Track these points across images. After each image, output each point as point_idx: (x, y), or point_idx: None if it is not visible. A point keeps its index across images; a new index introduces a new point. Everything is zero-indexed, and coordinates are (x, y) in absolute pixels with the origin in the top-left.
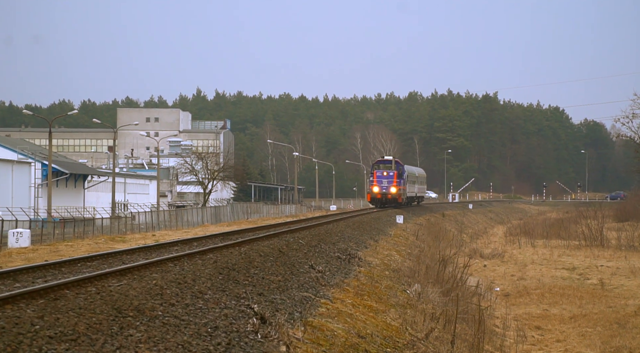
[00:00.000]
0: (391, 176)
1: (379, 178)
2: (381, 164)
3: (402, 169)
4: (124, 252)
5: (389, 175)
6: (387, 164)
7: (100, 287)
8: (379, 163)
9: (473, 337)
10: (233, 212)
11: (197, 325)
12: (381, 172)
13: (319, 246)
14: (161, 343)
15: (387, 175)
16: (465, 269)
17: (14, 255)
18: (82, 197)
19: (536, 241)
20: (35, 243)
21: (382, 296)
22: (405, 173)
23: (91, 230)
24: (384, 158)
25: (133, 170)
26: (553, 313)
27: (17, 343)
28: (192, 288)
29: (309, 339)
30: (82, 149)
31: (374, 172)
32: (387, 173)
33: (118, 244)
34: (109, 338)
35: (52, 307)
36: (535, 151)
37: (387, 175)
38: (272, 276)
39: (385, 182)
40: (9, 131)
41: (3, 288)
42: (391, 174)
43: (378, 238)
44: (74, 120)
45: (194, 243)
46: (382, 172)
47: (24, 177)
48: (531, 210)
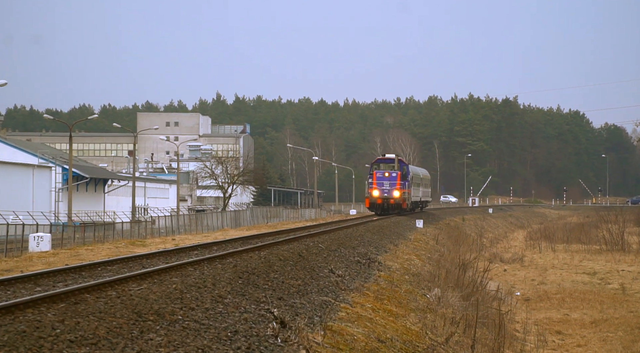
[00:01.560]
0: (394, 177)
1: (380, 180)
2: (382, 162)
3: (406, 169)
4: (144, 256)
5: (392, 177)
6: (389, 162)
7: (120, 291)
8: (379, 162)
9: (493, 341)
10: (253, 216)
11: (217, 329)
12: (382, 172)
13: (338, 250)
14: (181, 348)
15: (389, 176)
16: (485, 273)
17: (35, 259)
18: (103, 201)
19: (557, 245)
20: (55, 247)
21: (402, 300)
22: (410, 174)
23: (111, 234)
24: (385, 156)
25: (153, 174)
26: (574, 318)
27: (38, 347)
28: (212, 292)
29: (328, 343)
30: (102, 153)
31: (374, 173)
32: (389, 174)
33: (138, 248)
34: (130, 342)
35: (73, 310)
36: (556, 155)
37: (390, 176)
38: (292, 280)
39: (387, 184)
40: (30, 135)
41: (24, 292)
42: (394, 174)
43: (398, 242)
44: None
45: (213, 248)
46: (383, 173)
47: (44, 182)
48: (551, 215)
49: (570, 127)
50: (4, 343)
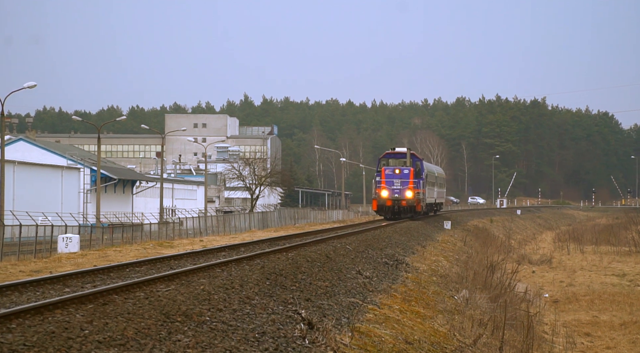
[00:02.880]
0: (406, 175)
1: (389, 178)
2: (391, 157)
3: (420, 166)
4: (172, 257)
5: (403, 174)
6: (400, 157)
7: (148, 292)
8: (388, 157)
9: (522, 343)
10: (280, 217)
11: (245, 330)
12: (392, 169)
13: (366, 252)
14: (209, 349)
15: (400, 173)
16: (513, 275)
17: (64, 260)
18: (131, 203)
19: (585, 247)
20: (84, 248)
21: (430, 302)
22: (424, 171)
23: (139, 236)
24: (394, 150)
25: (181, 175)
26: (603, 319)
27: (67, 348)
28: (239, 293)
29: (356, 345)
30: (130, 155)
31: (382, 170)
32: (401, 170)
33: (166, 249)
34: (157, 343)
35: (101, 311)
36: (584, 157)
37: (401, 173)
38: (320, 281)
39: (397, 183)
40: (59, 137)
41: (53, 293)
42: (406, 171)
43: (425, 244)
44: (122, 126)
45: (241, 249)
46: (393, 170)
47: (73, 183)
48: (580, 216)
49: (599, 129)
50: (33, 343)
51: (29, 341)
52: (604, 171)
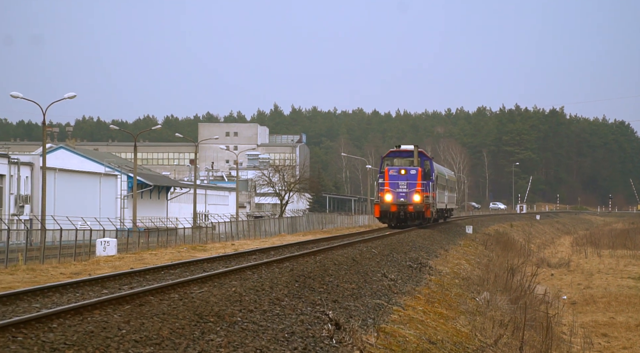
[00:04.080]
0: (413, 176)
1: (394, 180)
2: (396, 156)
3: (429, 166)
4: (205, 260)
5: (410, 175)
6: (407, 156)
7: (182, 293)
8: (392, 155)
9: (541, 343)
10: (308, 222)
11: (275, 330)
12: (397, 169)
13: (391, 255)
14: (240, 348)
15: (406, 174)
16: (532, 278)
17: (102, 263)
18: (166, 208)
19: (602, 251)
20: (121, 251)
21: (452, 303)
22: (434, 172)
23: (174, 240)
24: (400, 147)
25: (213, 182)
26: (619, 321)
27: (105, 347)
28: (269, 295)
29: (381, 345)
30: (165, 162)
31: (386, 170)
32: (407, 171)
33: (199, 253)
34: (191, 343)
35: (138, 312)
36: (601, 164)
37: (407, 174)
38: (346, 284)
39: (403, 185)
40: (97, 145)
41: (92, 294)
42: (413, 172)
43: (448, 247)
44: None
45: (271, 252)
46: (398, 170)
47: (110, 189)
48: (597, 221)
49: (616, 137)
50: (73, 342)
51: (69, 340)
52: (620, 178)
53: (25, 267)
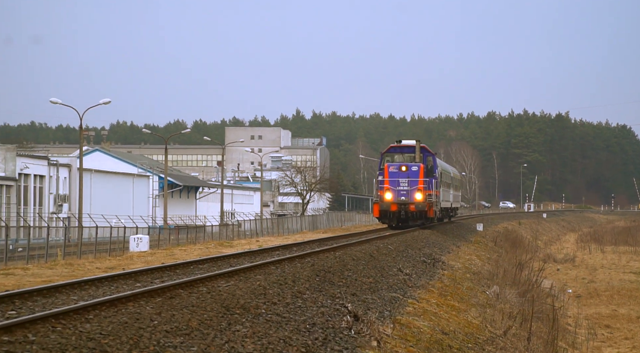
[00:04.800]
0: (415, 173)
1: (394, 177)
2: (397, 152)
3: (432, 162)
4: (231, 256)
5: (411, 172)
6: (408, 152)
7: (210, 287)
8: (393, 151)
9: (547, 334)
10: (328, 220)
11: (297, 321)
12: (397, 166)
13: (406, 251)
14: (265, 338)
15: (407, 171)
16: (539, 273)
17: (135, 258)
18: (194, 207)
19: (605, 247)
20: (153, 247)
21: (464, 296)
22: (438, 168)
23: (202, 236)
24: (400, 143)
25: (239, 182)
26: (621, 313)
27: (138, 337)
28: (292, 288)
29: (397, 335)
30: (194, 164)
31: (385, 167)
32: (408, 167)
33: (226, 249)
34: (219, 333)
35: (168, 304)
36: (604, 165)
37: (408, 171)
38: (364, 278)
39: (404, 183)
40: (130, 148)
41: (126, 287)
42: (415, 169)
43: (460, 244)
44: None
45: (293, 248)
46: (399, 167)
47: (143, 189)
48: (600, 219)
49: (618, 140)
50: (108, 332)
51: (104, 330)
52: (622, 178)
53: (64, 262)
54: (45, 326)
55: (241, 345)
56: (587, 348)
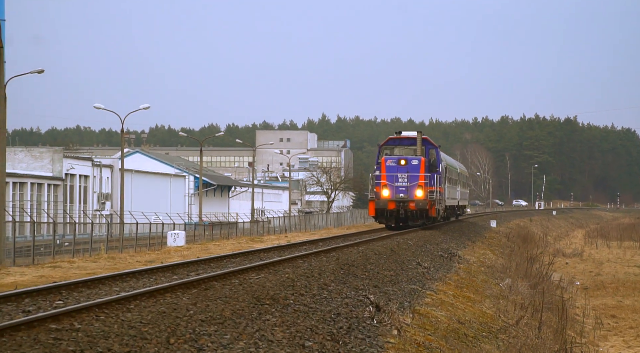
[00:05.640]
0: (415, 167)
1: (392, 172)
2: (397, 145)
3: (436, 155)
4: (262, 250)
5: (412, 166)
6: (409, 144)
7: (242, 279)
8: (392, 143)
9: (557, 323)
10: (352, 217)
11: (323, 311)
12: (396, 159)
13: (424, 246)
14: (293, 327)
15: (406, 164)
16: (549, 266)
17: (172, 253)
18: (227, 204)
19: (611, 242)
20: (189, 242)
21: (479, 288)
22: (442, 163)
23: (234, 232)
24: (400, 134)
25: (269, 182)
26: (626, 304)
27: (175, 325)
28: (318, 281)
29: (416, 324)
30: (226, 164)
31: (382, 160)
32: (407, 161)
33: (256, 244)
34: (250, 322)
35: (203, 295)
36: (610, 166)
37: (408, 164)
38: (385, 271)
39: (403, 178)
40: (168, 150)
41: (164, 279)
42: (415, 162)
43: (475, 239)
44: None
45: (319, 243)
46: (397, 160)
47: (179, 188)
48: (607, 216)
49: (623, 142)
50: (148, 321)
51: (144, 319)
52: (627, 178)
53: (107, 256)
54: (89, 315)
55: (271, 333)
56: (594, 337)
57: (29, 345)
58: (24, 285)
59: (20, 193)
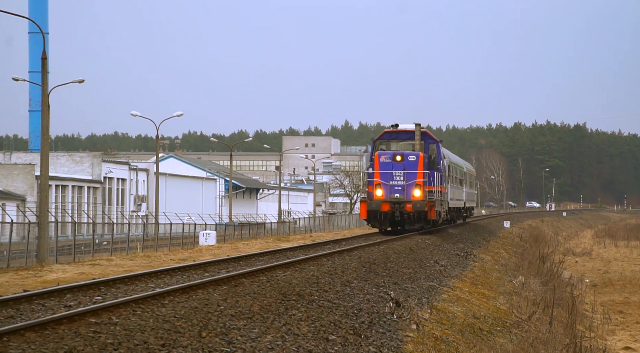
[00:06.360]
0: (413, 163)
1: (387, 169)
2: (393, 139)
3: (436, 150)
4: (288, 249)
5: (408, 162)
6: (405, 139)
7: (269, 276)
8: (388, 137)
9: (567, 318)
10: None
11: (346, 307)
12: (390, 155)
13: (441, 245)
14: (317, 321)
15: (402, 161)
16: (560, 264)
17: (204, 251)
18: (255, 206)
19: (619, 242)
20: (219, 242)
21: (493, 285)
22: (443, 160)
23: (262, 232)
24: (397, 127)
25: (295, 185)
26: (633, 300)
27: (207, 320)
28: (341, 278)
29: (434, 319)
30: (255, 168)
31: (376, 156)
32: (404, 157)
33: (283, 243)
34: (277, 317)
35: (233, 291)
36: (617, 170)
37: (404, 161)
38: (405, 269)
39: (399, 176)
40: (200, 154)
41: (196, 276)
42: (412, 159)
43: (489, 239)
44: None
45: (342, 243)
46: (392, 156)
47: (211, 190)
48: (614, 217)
49: (630, 147)
50: (181, 316)
51: (178, 314)
52: (634, 181)
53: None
54: (127, 310)
55: (297, 327)
56: (602, 331)
57: (70, 338)
58: (65, 282)
59: (62, 196)
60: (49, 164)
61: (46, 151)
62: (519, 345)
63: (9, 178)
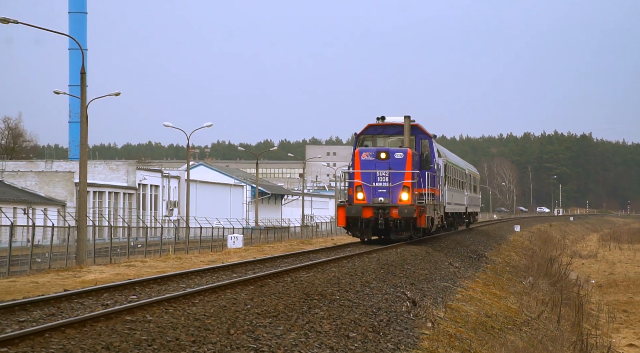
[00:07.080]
0: (399, 161)
1: (369, 168)
2: (378, 133)
3: (429, 148)
4: (311, 251)
5: (395, 160)
6: (394, 133)
7: (293, 277)
8: (372, 132)
9: (574, 317)
10: None
11: (365, 306)
12: (374, 152)
13: (456, 248)
14: (338, 320)
15: (387, 158)
16: (567, 266)
17: (232, 253)
18: (280, 211)
19: (623, 245)
20: (246, 244)
21: (504, 286)
22: (437, 158)
23: (287, 235)
24: (384, 120)
25: (317, 191)
26: (637, 300)
27: (234, 318)
28: (361, 279)
29: (448, 318)
30: (279, 176)
31: (356, 153)
32: (389, 154)
33: (306, 246)
34: (300, 315)
35: (259, 291)
36: (622, 177)
37: (390, 158)
38: (421, 270)
39: (383, 177)
40: (228, 162)
41: (224, 277)
42: (399, 156)
43: (500, 242)
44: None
45: (361, 246)
46: (376, 153)
47: (238, 196)
48: (619, 222)
49: (633, 156)
50: (210, 314)
51: (207, 312)
52: (638, 188)
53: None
54: (159, 308)
55: (319, 325)
56: (607, 329)
57: (107, 334)
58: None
59: (100, 201)
60: (87, 172)
61: (85, 160)
62: (529, 342)
63: (50, 185)
